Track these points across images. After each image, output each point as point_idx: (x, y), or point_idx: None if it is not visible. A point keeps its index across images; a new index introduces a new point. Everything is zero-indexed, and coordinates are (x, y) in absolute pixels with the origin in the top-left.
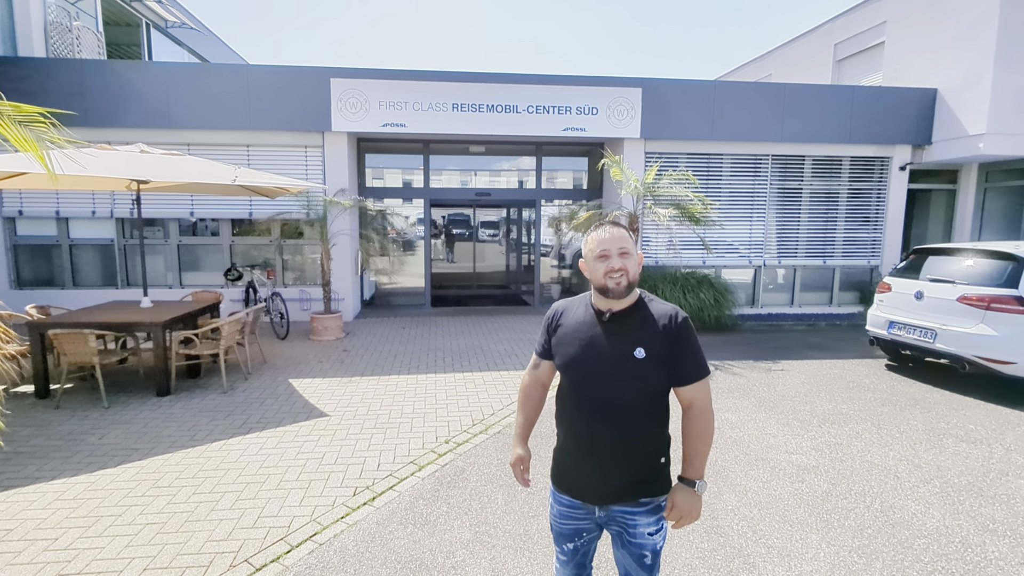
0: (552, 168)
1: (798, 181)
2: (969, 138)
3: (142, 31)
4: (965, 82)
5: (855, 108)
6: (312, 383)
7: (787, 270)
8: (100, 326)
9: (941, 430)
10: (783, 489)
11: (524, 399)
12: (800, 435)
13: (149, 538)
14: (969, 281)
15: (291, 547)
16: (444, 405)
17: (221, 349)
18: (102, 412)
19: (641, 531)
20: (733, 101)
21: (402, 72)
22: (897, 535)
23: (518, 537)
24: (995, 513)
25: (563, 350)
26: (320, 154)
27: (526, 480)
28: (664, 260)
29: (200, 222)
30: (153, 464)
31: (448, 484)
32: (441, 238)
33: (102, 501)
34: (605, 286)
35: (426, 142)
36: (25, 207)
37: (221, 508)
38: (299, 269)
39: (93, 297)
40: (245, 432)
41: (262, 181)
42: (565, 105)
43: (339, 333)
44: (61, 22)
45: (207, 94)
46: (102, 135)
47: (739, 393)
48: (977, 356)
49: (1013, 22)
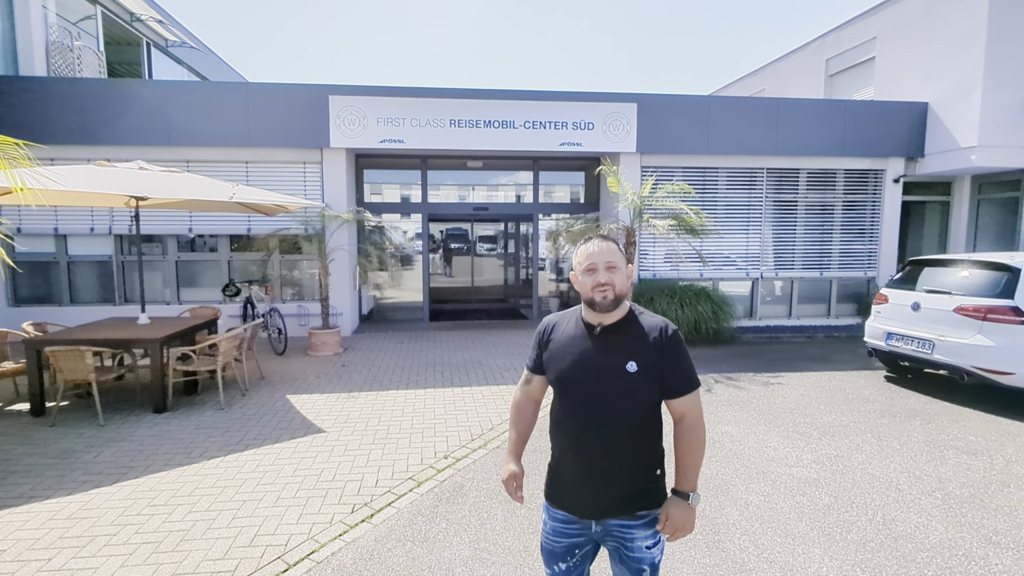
0: (549, 182)
1: (793, 194)
2: (961, 150)
3: (143, 50)
4: (955, 95)
5: (848, 122)
6: (310, 399)
7: (784, 282)
8: (97, 343)
9: (941, 442)
10: (784, 502)
11: (516, 415)
12: (800, 448)
13: (144, 558)
14: (965, 292)
15: (288, 566)
16: (443, 420)
17: (219, 365)
18: (98, 430)
19: (639, 544)
20: (727, 116)
21: (400, 89)
22: (900, 548)
23: (517, 554)
24: (997, 525)
25: (555, 365)
26: (319, 170)
27: (520, 496)
28: (662, 273)
29: (199, 238)
30: (149, 482)
31: (447, 500)
32: (439, 252)
33: (97, 520)
34: (592, 299)
35: (424, 157)
36: (23, 224)
37: (218, 526)
38: (297, 284)
39: (91, 314)
40: (242, 449)
41: (260, 199)
42: (561, 120)
43: (337, 348)
44: (63, 42)
45: (206, 112)
46: (102, 152)
47: (739, 406)
48: (975, 367)
49: (1001, 35)
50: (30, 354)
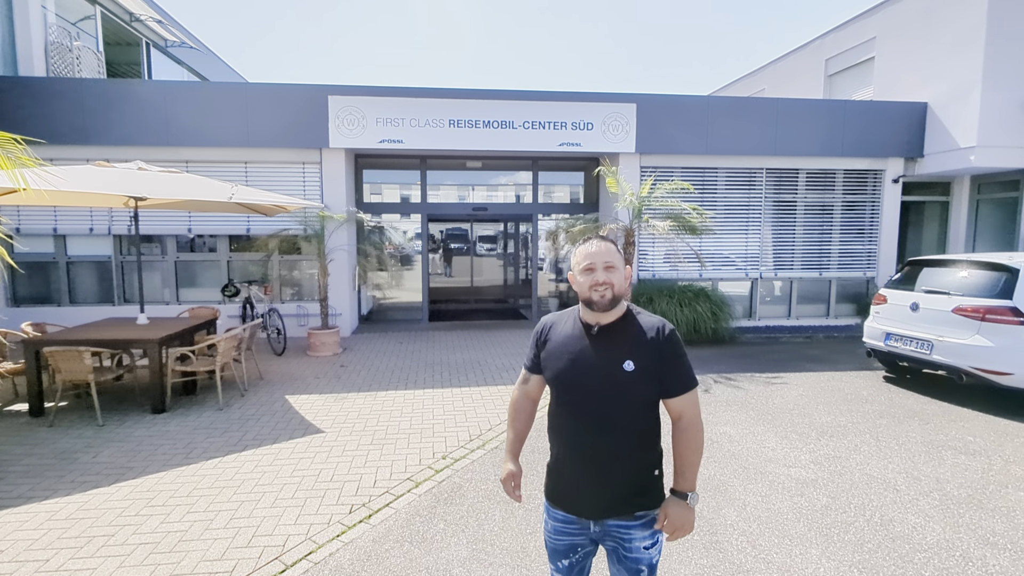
0: (549, 182)
1: (793, 194)
2: (960, 151)
3: (142, 50)
4: (954, 96)
5: (847, 122)
6: (309, 399)
7: (784, 282)
8: (96, 343)
9: (940, 442)
10: (782, 503)
11: (514, 414)
12: (799, 448)
13: (142, 558)
14: (964, 292)
15: (286, 566)
16: (441, 421)
17: (217, 366)
18: (96, 430)
19: (637, 545)
20: (727, 116)
21: (399, 89)
22: (897, 549)
23: (515, 554)
24: (995, 526)
25: (552, 364)
26: (318, 170)
27: (518, 496)
28: (661, 273)
29: (198, 238)
30: (147, 483)
31: (445, 501)
32: (439, 253)
33: (95, 521)
34: (590, 299)
35: (423, 157)
36: (22, 224)
37: (215, 527)
38: (296, 285)
39: (90, 314)
40: (241, 449)
41: (259, 199)
42: (560, 121)
43: (336, 349)
44: (62, 42)
45: (205, 112)
46: (101, 152)
47: (737, 406)
48: (974, 367)
49: (1000, 36)
50: (29, 354)
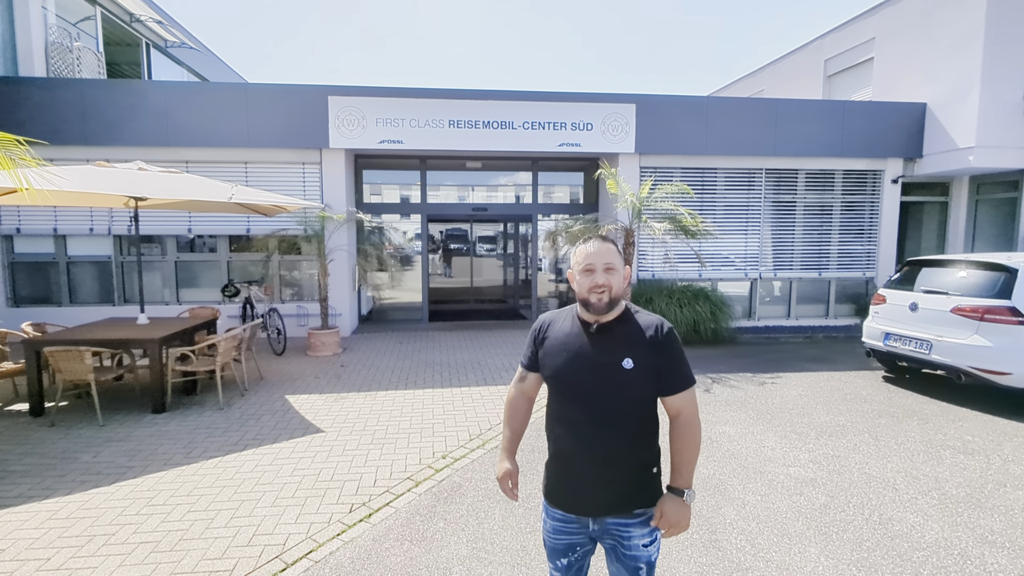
0: (548, 183)
1: (792, 194)
2: (959, 151)
3: (142, 51)
4: (953, 96)
5: (846, 122)
6: (309, 399)
7: (783, 283)
8: (96, 343)
9: (939, 441)
10: (781, 502)
11: (510, 413)
12: (798, 448)
13: (143, 557)
14: (963, 292)
15: (286, 565)
16: (441, 420)
17: (217, 365)
18: (97, 430)
19: (635, 543)
20: (726, 116)
21: (399, 90)
22: (896, 548)
23: (515, 553)
24: (993, 525)
25: (550, 362)
26: (318, 170)
27: (514, 494)
28: (660, 273)
29: (198, 239)
30: (148, 482)
31: (445, 500)
32: (439, 253)
33: (95, 520)
34: (588, 300)
35: (423, 158)
36: (23, 224)
37: (216, 526)
38: (296, 285)
39: (90, 314)
40: (241, 449)
41: (259, 199)
42: (560, 121)
43: (336, 349)
44: (62, 43)
45: (206, 112)
46: (101, 153)
47: (737, 406)
48: (973, 367)
49: (999, 36)
50: (29, 354)
